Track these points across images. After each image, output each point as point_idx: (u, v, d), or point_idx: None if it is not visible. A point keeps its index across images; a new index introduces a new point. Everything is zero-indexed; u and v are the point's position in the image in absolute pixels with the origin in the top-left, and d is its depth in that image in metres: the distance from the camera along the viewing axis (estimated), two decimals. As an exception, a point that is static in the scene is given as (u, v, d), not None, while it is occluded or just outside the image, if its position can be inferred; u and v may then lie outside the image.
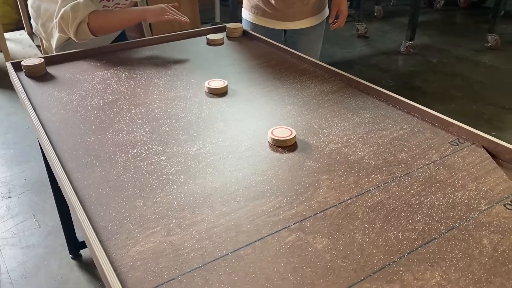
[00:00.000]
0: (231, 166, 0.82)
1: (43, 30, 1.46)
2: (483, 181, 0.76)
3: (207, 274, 0.59)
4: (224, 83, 1.10)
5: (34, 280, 1.50)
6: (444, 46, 3.61)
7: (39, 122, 0.95)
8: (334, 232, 0.66)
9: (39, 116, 0.98)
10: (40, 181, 1.96)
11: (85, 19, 1.26)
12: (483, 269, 0.59)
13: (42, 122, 0.96)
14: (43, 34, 1.48)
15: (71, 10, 1.25)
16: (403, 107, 1.01)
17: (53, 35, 1.43)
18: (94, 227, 0.67)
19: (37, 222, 1.75)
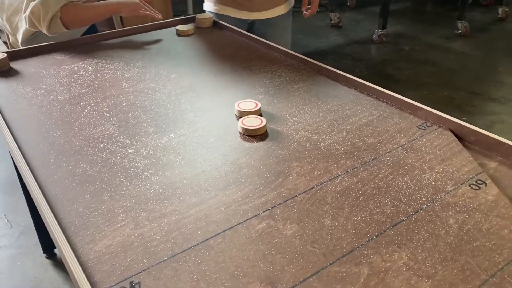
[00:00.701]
0: (201, 156, 0.81)
1: (8, 25, 1.42)
2: (450, 163, 0.78)
3: (176, 265, 0.59)
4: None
5: (7, 281, 1.46)
6: (415, 34, 3.66)
7: (3, 119, 0.92)
8: (303, 218, 0.66)
9: (3, 113, 0.95)
10: (12, 180, 1.92)
11: (57, 13, 1.23)
12: (449, 248, 0.60)
13: (5, 118, 0.93)
14: (8, 28, 1.44)
15: (41, 5, 1.21)
16: (372, 93, 1.02)
17: (19, 29, 1.39)
18: (60, 222, 0.65)
19: (9, 223, 1.71)
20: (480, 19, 3.92)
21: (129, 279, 0.57)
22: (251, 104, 0.94)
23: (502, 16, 3.85)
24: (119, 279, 0.57)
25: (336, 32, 3.77)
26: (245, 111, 0.92)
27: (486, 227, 0.64)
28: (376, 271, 0.57)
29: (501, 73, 2.92)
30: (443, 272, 0.57)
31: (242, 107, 0.93)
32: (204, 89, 1.06)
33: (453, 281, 0.56)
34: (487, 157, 0.80)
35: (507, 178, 0.75)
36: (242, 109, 0.93)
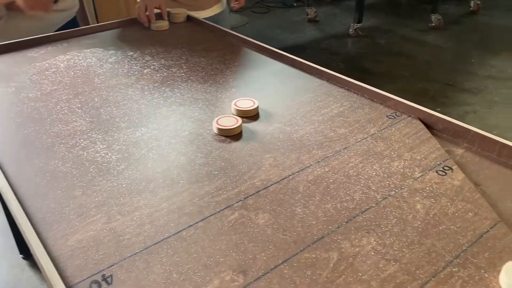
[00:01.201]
0: (174, 150, 0.81)
1: None
2: (418, 150, 0.80)
3: (148, 257, 0.59)
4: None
5: (-17, 283, 1.44)
6: (391, 27, 3.71)
7: (-29, 117, 0.91)
8: (276, 207, 0.67)
9: (-29, 111, 0.94)
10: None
11: None
12: (415, 232, 0.62)
13: (-26, 116, 0.92)
14: None
15: None
16: (343, 85, 1.03)
17: None
18: (31, 218, 0.65)
19: (-16, 224, 1.68)
20: (453, 12, 3.99)
21: (101, 272, 0.57)
22: (248, 102, 0.93)
23: (474, 9, 3.93)
24: (91, 272, 0.57)
25: (313, 26, 3.79)
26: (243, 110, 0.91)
27: (452, 211, 0.66)
28: (345, 256, 0.59)
29: (474, 64, 2.98)
30: (410, 255, 0.58)
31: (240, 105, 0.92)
32: (178, 84, 1.06)
33: (419, 263, 0.57)
34: (454, 144, 0.83)
35: (473, 164, 0.77)
36: (239, 107, 0.91)
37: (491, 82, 2.73)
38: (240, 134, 0.86)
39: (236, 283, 0.55)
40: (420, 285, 0.54)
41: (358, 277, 0.56)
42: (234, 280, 0.56)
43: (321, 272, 0.56)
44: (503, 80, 2.76)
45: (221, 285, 0.55)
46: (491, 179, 0.73)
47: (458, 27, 3.66)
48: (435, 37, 3.46)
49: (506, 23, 3.71)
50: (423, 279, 0.55)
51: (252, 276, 0.56)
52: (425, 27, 3.63)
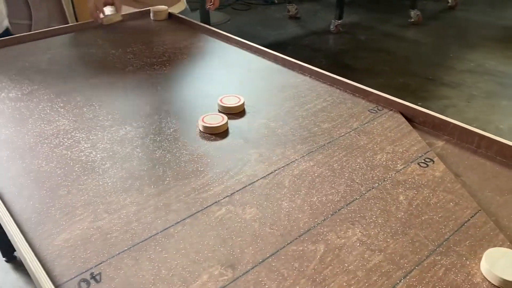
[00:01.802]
0: (159, 148, 0.81)
1: None
2: (400, 143, 0.81)
3: (136, 255, 0.59)
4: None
5: (-35, 288, 1.42)
6: (371, 23, 3.75)
7: (-50, 118, 0.89)
8: (262, 202, 0.68)
9: (-50, 112, 0.92)
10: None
11: None
12: (399, 223, 0.64)
13: (-47, 118, 0.90)
14: None
15: None
16: (326, 81, 1.04)
17: None
18: (16, 219, 0.64)
19: (-36, 228, 1.65)
20: (431, 7, 4.06)
21: (89, 271, 0.57)
22: (234, 99, 0.94)
23: (452, 4, 4.00)
24: (79, 271, 0.57)
25: (294, 23, 3.81)
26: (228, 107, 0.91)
27: (434, 201, 0.67)
28: (331, 247, 0.60)
29: (452, 59, 3.04)
30: (394, 245, 0.60)
31: (225, 102, 0.93)
32: (161, 82, 1.06)
33: (403, 252, 0.59)
34: (434, 136, 0.85)
35: (453, 155, 0.79)
36: (224, 104, 0.92)
37: (469, 76, 2.78)
38: (226, 131, 0.86)
39: (225, 277, 0.56)
40: (405, 273, 0.56)
41: (344, 268, 0.57)
42: (222, 275, 0.56)
43: (308, 264, 0.57)
44: (480, 74, 2.82)
45: (210, 280, 0.55)
46: (471, 170, 0.75)
47: (436, 23, 3.73)
48: (414, 33, 3.51)
49: (483, 18, 3.79)
50: (408, 268, 0.56)
51: (241, 270, 0.57)
52: (405, 23, 3.68)
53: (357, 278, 0.55)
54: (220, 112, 0.92)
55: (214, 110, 0.93)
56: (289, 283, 0.55)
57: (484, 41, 3.32)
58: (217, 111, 0.92)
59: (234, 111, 0.92)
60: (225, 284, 0.55)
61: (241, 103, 0.93)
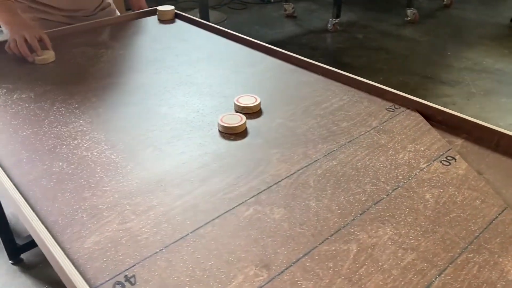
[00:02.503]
0: (179, 148, 0.81)
1: None
2: (420, 142, 0.82)
3: (169, 256, 0.59)
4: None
5: (-29, 291, 1.40)
6: (368, 22, 3.76)
7: (-36, 120, 0.88)
8: (289, 201, 0.68)
9: (-37, 114, 0.91)
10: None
11: None
12: (428, 221, 0.64)
13: (-33, 120, 0.89)
14: None
15: None
16: (340, 80, 1.05)
17: None
18: (43, 222, 0.63)
19: (-32, 231, 1.63)
20: (427, 6, 4.08)
21: (123, 273, 0.56)
22: (250, 98, 0.93)
23: (447, 3, 4.02)
24: (113, 274, 0.56)
25: (292, 22, 3.81)
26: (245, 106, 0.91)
27: (460, 199, 0.68)
28: (364, 247, 0.60)
29: (450, 57, 3.06)
30: (426, 244, 0.60)
31: (242, 101, 0.92)
32: (172, 83, 1.05)
33: (435, 251, 0.59)
34: (453, 134, 0.85)
35: (473, 153, 0.80)
36: (241, 104, 0.92)
37: (468, 74, 2.80)
38: (245, 131, 0.86)
39: (261, 278, 0.56)
40: (439, 271, 0.56)
41: (379, 267, 0.57)
42: (258, 275, 0.56)
43: (342, 263, 0.57)
44: (478, 71, 2.84)
45: (246, 281, 0.55)
46: (493, 167, 0.76)
47: (433, 21, 3.74)
48: (411, 31, 3.53)
49: (478, 16, 3.81)
50: (441, 266, 0.57)
51: (276, 270, 0.57)
52: (401, 22, 3.69)
53: (392, 276, 0.56)
54: (236, 112, 0.92)
55: (230, 110, 0.93)
56: (325, 283, 0.55)
57: (480, 39, 3.34)
58: (233, 111, 0.92)
59: (251, 110, 0.92)
60: (261, 284, 0.55)
61: (258, 103, 0.93)
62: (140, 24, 1.43)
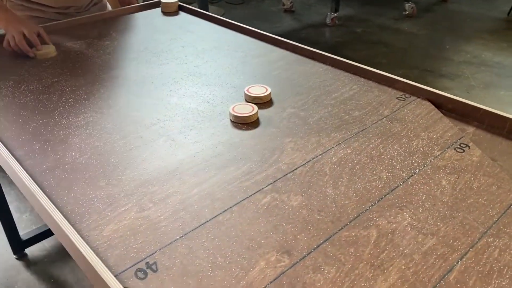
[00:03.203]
0: (192, 138, 0.80)
1: None
2: (433, 129, 0.82)
3: (189, 243, 0.59)
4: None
5: (-24, 286, 1.39)
6: (366, 16, 3.76)
7: (-27, 112, 0.87)
8: (306, 189, 0.68)
9: (-28, 105, 0.90)
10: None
11: None
12: (446, 207, 0.64)
13: (-24, 111, 0.88)
14: None
15: None
16: (349, 70, 1.05)
17: None
18: (60, 211, 0.63)
19: (-29, 226, 1.62)
20: (425, 0, 4.08)
21: (144, 260, 0.56)
22: (261, 89, 0.93)
23: (445, -3, 4.03)
24: (134, 261, 0.56)
25: (290, 17, 3.80)
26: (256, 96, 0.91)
27: (476, 185, 0.68)
28: (384, 232, 0.60)
29: (448, 50, 3.07)
30: (445, 229, 0.60)
31: (252, 91, 0.92)
32: (180, 73, 1.05)
33: (455, 235, 0.59)
34: (464, 122, 0.85)
35: (485, 141, 0.80)
36: (252, 94, 0.91)
37: (467, 67, 2.81)
38: (257, 121, 0.86)
39: (283, 263, 0.56)
40: (461, 256, 0.56)
41: (400, 252, 0.57)
42: (279, 261, 0.56)
43: (363, 249, 0.57)
44: (477, 65, 2.85)
45: (268, 266, 0.55)
46: (506, 154, 0.76)
47: (430, 15, 3.75)
48: (409, 25, 3.53)
49: (474, 10, 3.83)
50: (462, 250, 0.57)
51: (297, 255, 0.57)
52: (400, 15, 3.70)
53: (414, 261, 0.56)
54: (247, 102, 0.91)
55: (240, 100, 0.92)
56: (347, 268, 0.55)
57: (478, 32, 3.35)
58: (243, 101, 0.92)
59: (262, 100, 0.92)
60: (284, 270, 0.55)
61: (268, 93, 0.92)
62: (144, 16, 1.43)
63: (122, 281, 0.53)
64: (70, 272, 1.44)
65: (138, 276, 0.54)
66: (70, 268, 1.45)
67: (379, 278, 0.53)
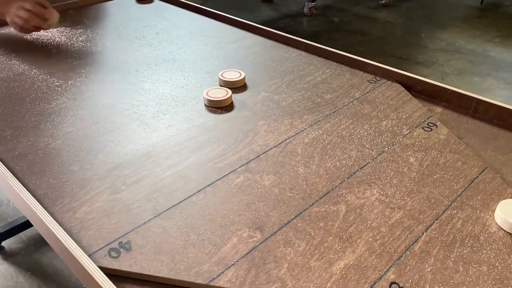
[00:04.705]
0: (166, 122, 0.81)
1: None
2: (402, 110, 0.84)
3: (163, 222, 0.59)
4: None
5: (-48, 280, 1.37)
6: (343, 5, 3.78)
7: None
8: (278, 169, 0.69)
9: None
10: None
11: None
12: (413, 182, 0.66)
13: None
14: None
15: None
16: (322, 54, 1.06)
17: None
18: (32, 195, 0.63)
19: None
20: (401, -11, 4.13)
21: (117, 240, 0.57)
22: (235, 73, 0.94)
23: (420, -14, 4.08)
24: (107, 241, 0.57)
25: (268, 7, 3.80)
26: (230, 81, 0.92)
27: (442, 162, 0.70)
28: (352, 207, 0.62)
29: (424, 38, 3.11)
30: (412, 203, 0.62)
31: (226, 76, 0.93)
32: (154, 60, 1.04)
33: (421, 209, 0.61)
34: (432, 103, 0.88)
35: (453, 120, 0.82)
36: (226, 78, 0.92)
37: (442, 55, 2.86)
38: (231, 105, 0.86)
39: (255, 239, 0.57)
40: (425, 227, 0.58)
41: (368, 225, 0.59)
42: (252, 236, 0.57)
43: (332, 223, 0.59)
44: (452, 52, 2.90)
45: (240, 242, 0.56)
46: (471, 132, 0.79)
47: (406, 4, 3.80)
48: (386, 14, 3.57)
49: (450, -1, 3.89)
50: (427, 222, 0.59)
51: (268, 231, 0.58)
52: (376, 5, 3.73)
53: (381, 233, 0.58)
54: (221, 86, 0.92)
55: (215, 85, 0.93)
56: (317, 241, 0.56)
57: (453, 20, 3.41)
58: (218, 86, 0.92)
59: (236, 85, 0.92)
60: (255, 244, 0.56)
61: (242, 77, 0.93)
62: (118, 3, 1.41)
63: (95, 260, 0.54)
64: (48, 263, 1.43)
65: (111, 255, 0.55)
66: (48, 259, 1.45)
67: (348, 250, 0.55)
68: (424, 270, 0.52)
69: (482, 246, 0.55)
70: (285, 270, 0.53)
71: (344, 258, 0.54)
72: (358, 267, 0.53)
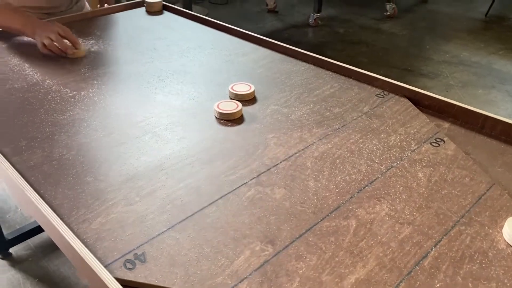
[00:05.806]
0: (178, 134, 0.82)
1: None
2: (410, 125, 0.85)
3: (176, 235, 0.61)
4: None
5: (-40, 286, 1.38)
6: (348, 16, 3.81)
7: (-42, 110, 0.87)
8: (289, 182, 0.70)
9: (-44, 103, 0.90)
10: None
11: None
12: (422, 198, 0.67)
13: (-39, 109, 0.88)
14: None
15: None
16: (330, 68, 1.07)
17: None
18: (48, 206, 0.64)
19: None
20: (406, 1, 4.16)
21: (132, 252, 0.58)
22: (245, 86, 0.96)
23: (425, -2, 4.11)
24: (122, 252, 0.58)
25: (273, 17, 3.83)
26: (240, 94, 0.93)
27: (450, 177, 0.71)
28: (363, 222, 0.63)
29: (429, 50, 3.13)
30: (421, 218, 0.63)
31: (236, 89, 0.94)
32: (165, 72, 1.06)
33: (430, 224, 0.62)
34: (440, 118, 0.89)
35: (460, 135, 0.84)
36: (236, 91, 0.94)
37: (446, 67, 2.88)
38: (241, 117, 0.88)
39: (267, 252, 0.58)
40: (435, 243, 0.59)
41: (378, 240, 0.60)
42: (264, 250, 0.58)
43: (343, 238, 0.60)
44: (456, 64, 2.92)
45: (253, 255, 0.57)
46: (479, 148, 0.80)
47: (411, 15, 3.82)
48: (390, 25, 3.59)
49: (453, 10, 3.91)
50: (436, 238, 0.60)
51: (280, 245, 0.59)
52: (381, 16, 3.76)
53: (391, 248, 0.59)
54: (231, 99, 0.93)
55: (225, 98, 0.95)
56: (328, 256, 0.58)
57: (457, 32, 3.43)
58: (228, 99, 0.94)
59: (246, 98, 0.94)
60: (267, 258, 0.57)
61: (252, 90, 0.95)
62: (128, 15, 1.43)
63: (111, 271, 0.55)
64: (55, 270, 1.44)
65: (127, 267, 0.56)
66: (55, 266, 1.46)
67: (358, 265, 0.56)
68: (433, 286, 0.53)
69: (491, 263, 0.56)
70: (297, 284, 0.54)
71: (355, 272, 0.55)
72: (369, 282, 0.54)
